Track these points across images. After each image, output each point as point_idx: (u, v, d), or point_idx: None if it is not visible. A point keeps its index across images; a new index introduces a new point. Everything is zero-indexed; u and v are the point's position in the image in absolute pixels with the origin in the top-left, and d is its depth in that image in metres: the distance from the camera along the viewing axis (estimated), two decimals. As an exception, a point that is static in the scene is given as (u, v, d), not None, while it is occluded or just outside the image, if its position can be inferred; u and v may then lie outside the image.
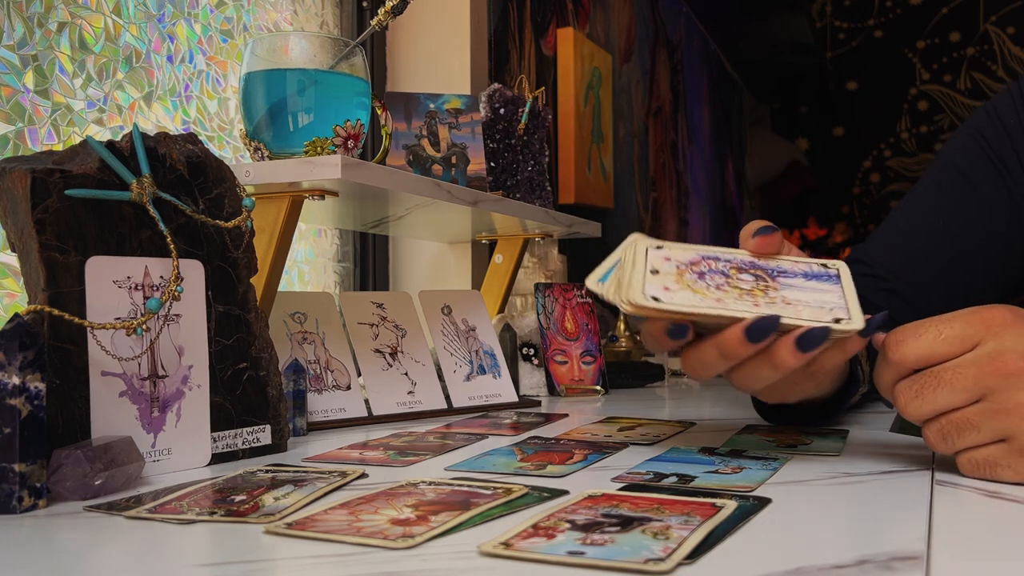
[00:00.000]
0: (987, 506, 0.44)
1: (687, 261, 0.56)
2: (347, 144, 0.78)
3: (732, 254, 0.57)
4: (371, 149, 1.31)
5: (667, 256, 0.56)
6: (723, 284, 0.54)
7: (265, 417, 0.62)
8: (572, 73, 1.77)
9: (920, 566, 0.34)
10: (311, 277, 1.25)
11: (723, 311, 0.51)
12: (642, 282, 0.54)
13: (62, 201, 0.51)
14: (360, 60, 0.80)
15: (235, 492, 0.48)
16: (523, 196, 1.10)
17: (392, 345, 0.87)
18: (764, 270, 0.56)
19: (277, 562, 0.37)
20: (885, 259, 0.85)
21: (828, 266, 0.56)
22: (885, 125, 3.87)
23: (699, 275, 0.55)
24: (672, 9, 2.68)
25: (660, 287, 0.53)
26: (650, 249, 0.57)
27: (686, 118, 2.82)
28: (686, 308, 0.52)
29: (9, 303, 0.82)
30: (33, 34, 0.85)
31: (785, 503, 0.45)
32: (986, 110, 0.86)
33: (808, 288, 0.54)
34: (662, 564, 0.34)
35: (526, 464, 0.56)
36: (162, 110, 1.01)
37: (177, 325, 0.57)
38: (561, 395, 1.05)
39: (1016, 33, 3.63)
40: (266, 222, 0.76)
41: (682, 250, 0.57)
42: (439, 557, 0.36)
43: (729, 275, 0.55)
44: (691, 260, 0.56)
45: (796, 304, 0.53)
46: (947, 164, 0.86)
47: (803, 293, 0.54)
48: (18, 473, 0.45)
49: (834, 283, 0.55)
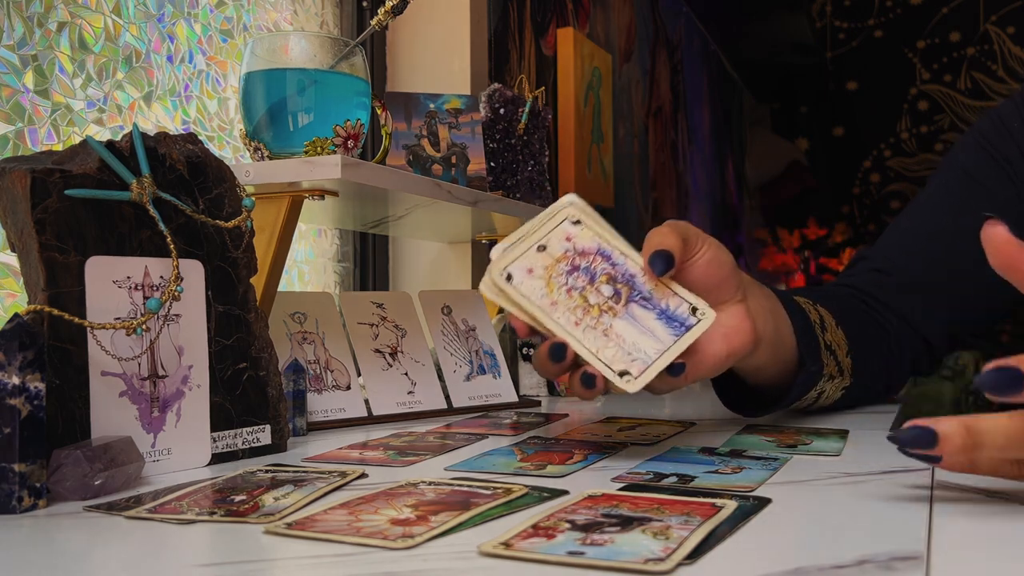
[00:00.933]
0: (987, 506, 0.44)
1: (580, 249, 0.55)
2: (347, 144, 0.78)
3: (626, 259, 0.56)
4: (371, 149, 1.31)
5: (570, 235, 0.55)
6: (577, 288, 0.54)
7: (265, 417, 0.62)
8: (572, 73, 1.77)
9: (920, 566, 0.34)
10: (311, 277, 1.25)
11: (541, 315, 0.52)
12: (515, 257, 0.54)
13: (62, 201, 0.51)
14: (360, 60, 0.80)
15: (235, 492, 0.48)
16: (523, 196, 1.10)
17: (392, 345, 0.87)
18: (632, 289, 0.55)
19: (277, 562, 0.37)
20: (893, 256, 0.85)
21: (697, 311, 0.55)
22: (885, 125, 3.87)
23: (571, 270, 0.54)
24: (672, 9, 2.68)
25: (525, 268, 0.54)
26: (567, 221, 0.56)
27: (686, 118, 2.82)
28: (520, 299, 0.52)
29: (9, 303, 0.82)
30: (33, 34, 0.85)
31: (785, 503, 0.45)
32: (989, 116, 0.86)
33: (644, 327, 0.54)
34: (662, 564, 0.34)
35: (526, 464, 0.56)
36: (162, 110, 1.01)
37: (177, 325, 0.57)
38: (561, 395, 1.05)
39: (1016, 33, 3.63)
40: (266, 222, 0.76)
41: (590, 236, 0.56)
42: (439, 557, 0.36)
43: (595, 280, 0.54)
44: (583, 249, 0.55)
45: (611, 338, 0.53)
46: (952, 166, 0.86)
47: (632, 331, 0.53)
48: (18, 473, 0.45)
49: (678, 332, 0.54)
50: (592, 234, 0.56)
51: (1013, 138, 0.83)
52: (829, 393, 0.75)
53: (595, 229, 0.56)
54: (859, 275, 0.86)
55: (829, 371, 0.73)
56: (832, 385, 0.74)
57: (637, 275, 0.55)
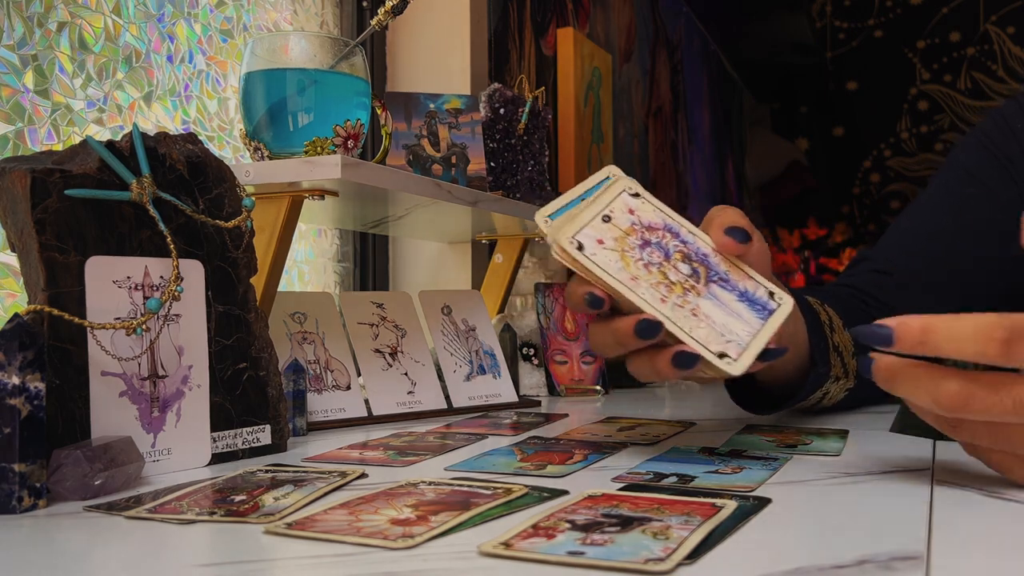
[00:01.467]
0: (987, 506, 0.44)
1: (646, 223, 0.53)
2: (347, 144, 0.78)
3: (695, 237, 0.54)
4: (371, 149, 1.31)
5: (632, 208, 0.53)
6: (655, 264, 0.51)
7: (265, 417, 0.62)
8: (572, 73, 1.77)
9: (920, 566, 0.34)
10: (311, 277, 1.25)
11: (626, 290, 0.50)
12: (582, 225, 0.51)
13: (62, 201, 0.51)
14: (360, 60, 0.80)
15: (235, 492, 0.48)
16: (523, 196, 1.10)
17: (392, 345, 0.87)
18: (708, 269, 0.53)
19: (277, 562, 0.37)
20: (893, 257, 0.85)
21: (775, 296, 0.53)
22: (885, 125, 3.87)
23: (642, 244, 0.52)
24: (672, 9, 2.68)
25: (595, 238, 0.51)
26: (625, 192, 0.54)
27: (686, 118, 2.82)
28: (597, 270, 0.50)
29: (9, 303, 0.82)
30: (33, 34, 0.85)
31: (785, 503, 0.45)
32: (991, 116, 0.86)
33: (731, 309, 0.52)
34: (662, 564, 0.34)
35: (526, 464, 0.56)
36: (162, 110, 1.01)
37: (177, 325, 0.57)
38: (561, 395, 1.05)
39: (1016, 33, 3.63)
40: (266, 222, 0.76)
41: (652, 210, 0.54)
42: (439, 557, 0.36)
43: (670, 257, 0.52)
44: (650, 224, 0.53)
45: (701, 318, 0.50)
46: (954, 166, 0.86)
47: (720, 311, 0.51)
48: (18, 473, 0.45)
49: (762, 316, 0.52)
50: (653, 209, 0.54)
51: (1015, 138, 0.83)
52: (833, 394, 0.75)
53: (654, 204, 0.54)
54: (860, 275, 0.86)
55: (835, 372, 0.72)
56: (837, 387, 0.74)
57: (710, 255, 0.54)
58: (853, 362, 0.75)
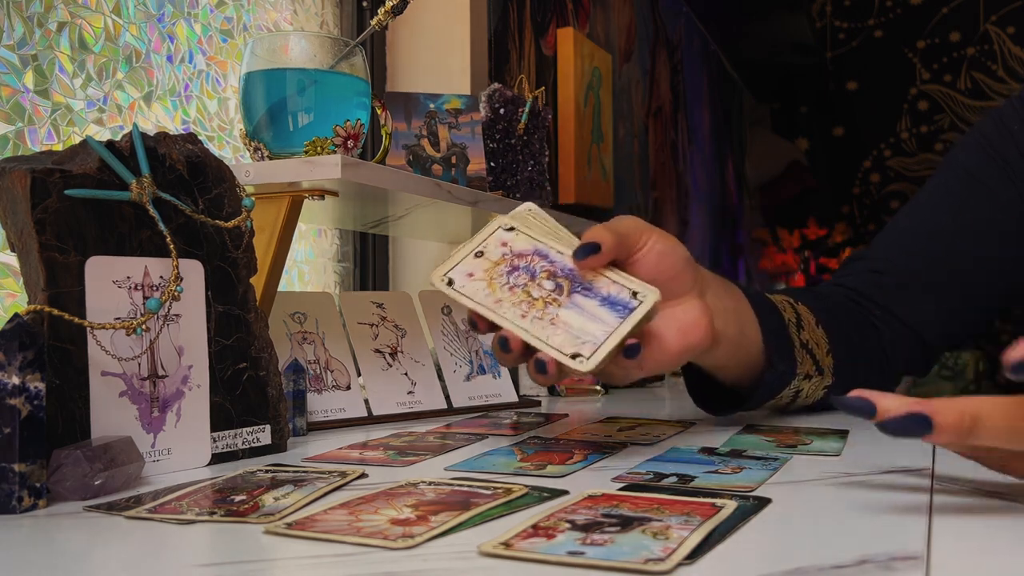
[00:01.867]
0: (987, 506, 0.44)
1: (517, 252, 0.59)
2: (347, 144, 0.78)
3: (563, 256, 0.59)
4: (371, 149, 1.31)
5: (505, 241, 0.59)
6: (519, 286, 0.57)
7: (265, 417, 0.62)
8: (572, 73, 1.77)
9: (920, 566, 0.34)
10: (311, 277, 1.25)
11: (489, 312, 0.56)
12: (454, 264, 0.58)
13: (62, 201, 0.51)
14: (360, 60, 0.80)
15: (235, 492, 0.48)
16: (523, 196, 1.10)
17: (392, 345, 0.87)
18: (572, 282, 0.57)
19: (277, 562, 0.37)
20: (892, 256, 0.85)
21: (638, 295, 0.57)
22: (885, 125, 3.88)
23: (511, 270, 0.58)
24: (672, 9, 2.68)
25: (465, 273, 0.57)
26: (500, 229, 0.60)
27: (686, 118, 2.82)
28: (463, 300, 0.56)
29: (9, 303, 0.82)
30: (33, 34, 0.85)
31: (785, 503, 0.45)
32: (990, 116, 0.86)
33: (591, 314, 0.56)
34: (662, 564, 0.34)
35: (526, 464, 0.56)
36: (162, 110, 1.01)
37: (177, 325, 0.57)
38: (561, 395, 1.05)
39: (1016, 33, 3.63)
40: (266, 222, 0.76)
41: (525, 239, 0.59)
42: (439, 557, 0.36)
43: (536, 277, 0.57)
44: (520, 252, 0.59)
45: (559, 326, 0.55)
46: (953, 166, 0.86)
47: (580, 318, 0.55)
48: (18, 473, 0.45)
49: (621, 315, 0.56)
50: (525, 238, 0.59)
51: (1013, 139, 0.82)
52: (808, 392, 0.75)
53: (528, 233, 0.60)
54: (856, 275, 0.86)
55: (805, 370, 0.72)
56: (811, 384, 0.74)
57: (576, 269, 0.58)
58: (829, 359, 0.75)
